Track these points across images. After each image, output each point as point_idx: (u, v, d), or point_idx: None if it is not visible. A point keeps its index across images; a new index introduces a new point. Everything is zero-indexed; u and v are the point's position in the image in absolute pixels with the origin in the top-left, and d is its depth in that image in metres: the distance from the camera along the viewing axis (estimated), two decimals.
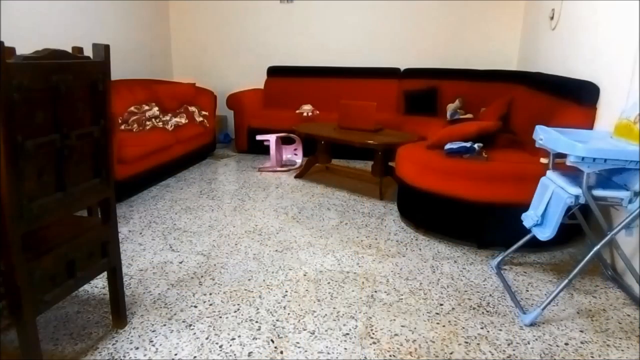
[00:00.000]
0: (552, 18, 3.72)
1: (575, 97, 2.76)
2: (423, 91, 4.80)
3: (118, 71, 4.50)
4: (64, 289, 1.51)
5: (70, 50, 1.54)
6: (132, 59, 4.92)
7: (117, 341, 1.76)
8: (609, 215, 2.46)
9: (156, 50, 5.43)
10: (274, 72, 5.44)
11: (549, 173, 2.14)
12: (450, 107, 4.55)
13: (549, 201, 2.01)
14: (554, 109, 2.88)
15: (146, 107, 4.18)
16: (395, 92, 5.00)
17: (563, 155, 1.90)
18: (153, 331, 1.83)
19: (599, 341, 1.82)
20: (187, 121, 4.34)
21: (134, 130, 3.82)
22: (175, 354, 1.69)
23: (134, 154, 3.41)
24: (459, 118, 4.29)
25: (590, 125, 2.63)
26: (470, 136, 2.85)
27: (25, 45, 3.04)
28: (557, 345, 1.78)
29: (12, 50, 1.71)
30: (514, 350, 1.75)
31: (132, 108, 4.10)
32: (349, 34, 5.22)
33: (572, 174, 2.03)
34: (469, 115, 4.32)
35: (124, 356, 1.67)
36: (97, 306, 2.00)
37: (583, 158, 1.79)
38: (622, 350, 1.76)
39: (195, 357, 1.67)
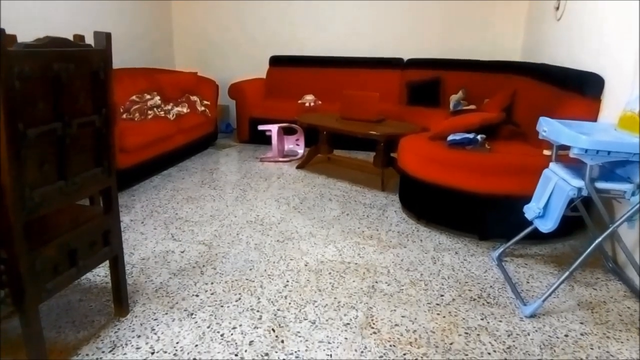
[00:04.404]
0: (557, 8, 3.68)
1: (580, 89, 2.74)
2: (426, 82, 4.77)
3: (119, 60, 4.48)
4: (66, 277, 1.52)
5: (71, 38, 1.53)
6: (133, 47, 4.90)
7: (119, 329, 1.77)
8: (611, 207, 2.46)
9: (158, 39, 5.40)
10: (276, 62, 5.41)
11: (552, 165, 2.14)
12: (454, 98, 4.52)
13: (552, 193, 2.01)
14: (557, 101, 2.86)
15: (148, 96, 4.17)
16: (398, 83, 4.97)
17: (566, 147, 1.89)
18: (155, 319, 1.84)
19: (599, 333, 1.82)
20: (188, 111, 4.33)
21: (136, 119, 3.81)
22: (177, 342, 1.70)
23: (136, 143, 3.41)
24: (462, 109, 4.27)
25: (594, 117, 2.61)
26: (473, 127, 2.83)
27: (26, 33, 3.03)
28: (557, 337, 1.79)
29: (13, 38, 1.71)
30: (513, 341, 1.75)
31: (133, 97, 4.09)
32: (352, 24, 5.18)
33: (575, 166, 2.02)
34: (472, 107, 4.30)
35: (126, 344, 1.69)
36: (99, 294, 2.01)
37: (586, 150, 1.78)
38: (622, 342, 1.76)
39: (196, 345, 1.69)
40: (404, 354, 1.66)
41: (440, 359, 1.64)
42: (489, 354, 1.68)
